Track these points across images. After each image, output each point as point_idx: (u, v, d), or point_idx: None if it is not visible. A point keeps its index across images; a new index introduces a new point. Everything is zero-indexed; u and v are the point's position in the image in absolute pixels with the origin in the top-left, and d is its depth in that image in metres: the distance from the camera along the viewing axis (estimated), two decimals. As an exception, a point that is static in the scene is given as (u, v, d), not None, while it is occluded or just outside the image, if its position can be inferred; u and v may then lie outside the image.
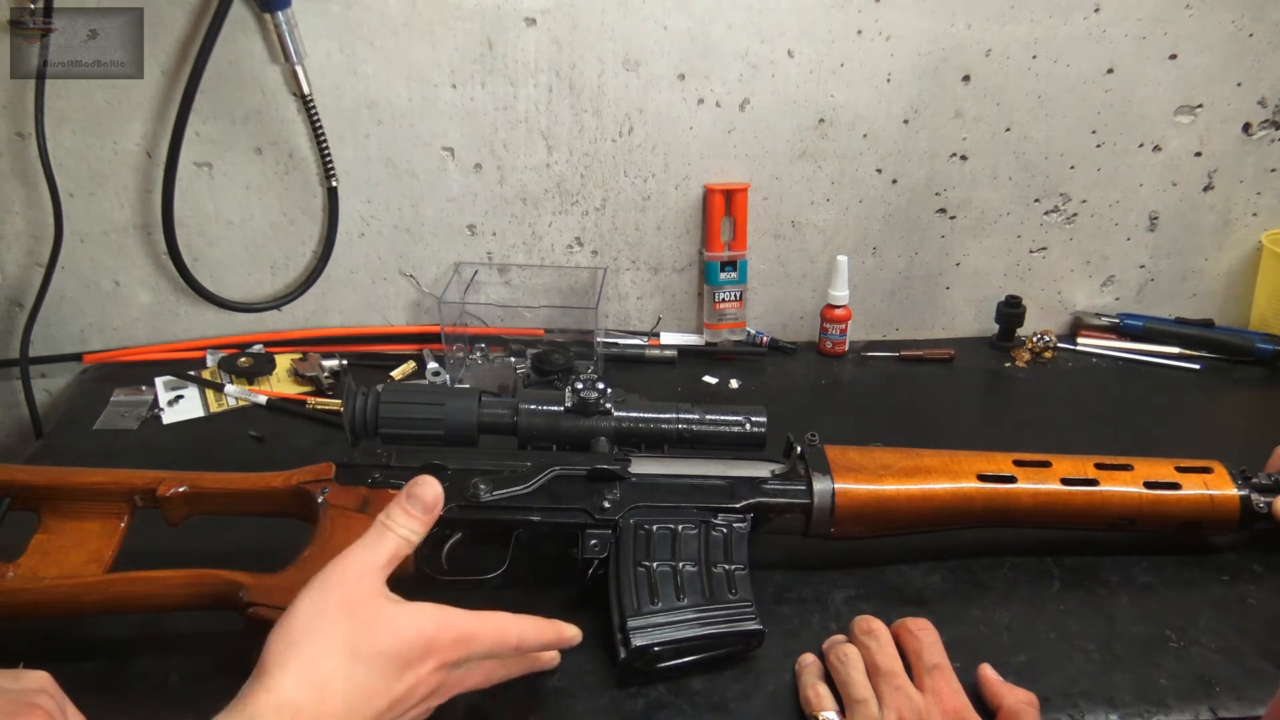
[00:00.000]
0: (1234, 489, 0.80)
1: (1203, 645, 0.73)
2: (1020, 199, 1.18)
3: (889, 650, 0.67)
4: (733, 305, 1.18)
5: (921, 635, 0.68)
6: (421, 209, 1.13)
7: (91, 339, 1.16)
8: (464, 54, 1.05)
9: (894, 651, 0.67)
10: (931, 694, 0.64)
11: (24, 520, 0.70)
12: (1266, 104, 1.14)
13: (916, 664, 0.66)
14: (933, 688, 0.65)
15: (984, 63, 1.09)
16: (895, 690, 0.64)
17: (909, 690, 0.64)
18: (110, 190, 1.08)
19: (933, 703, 0.64)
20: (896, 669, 0.66)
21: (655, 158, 1.12)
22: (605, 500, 0.74)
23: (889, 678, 0.65)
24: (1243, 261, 1.24)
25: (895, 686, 0.64)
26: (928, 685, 0.65)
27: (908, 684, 0.65)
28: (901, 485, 0.77)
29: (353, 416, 0.76)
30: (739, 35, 1.06)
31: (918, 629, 0.69)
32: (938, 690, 0.64)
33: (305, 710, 0.50)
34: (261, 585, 0.66)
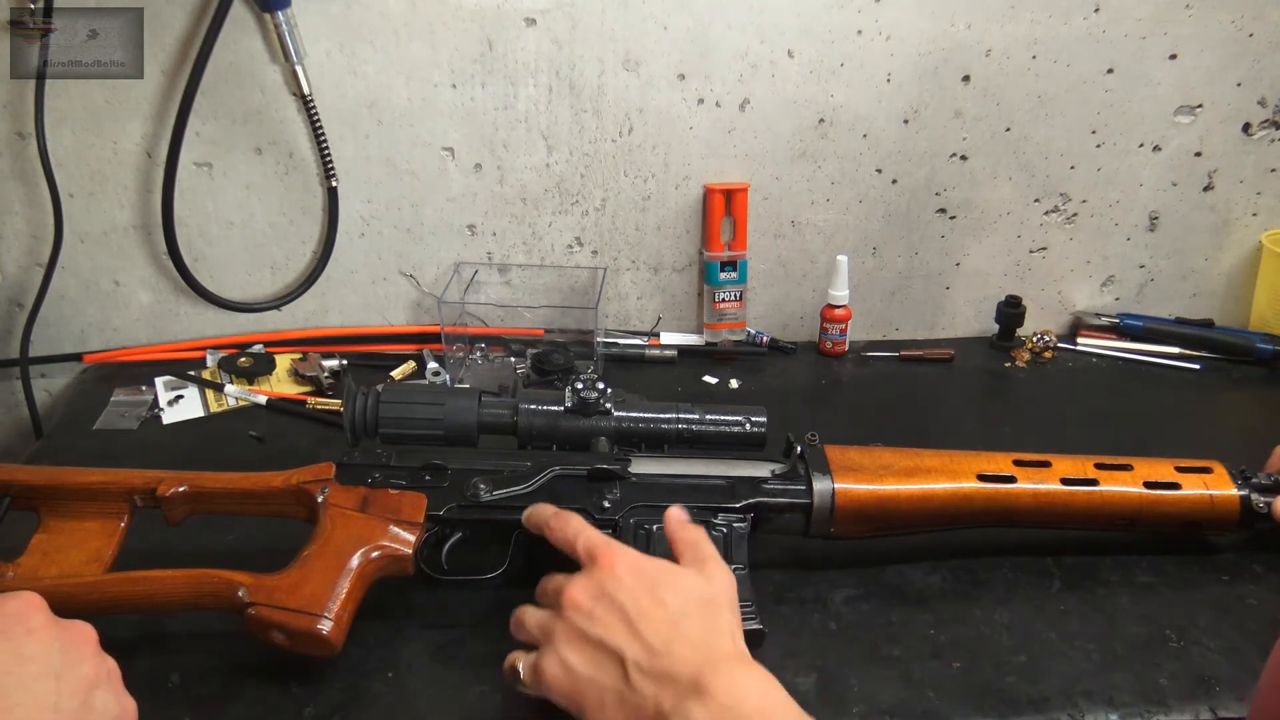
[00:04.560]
0: (1234, 489, 0.80)
1: (1203, 645, 0.73)
2: (1020, 199, 1.18)
3: (544, 581, 0.65)
4: (733, 305, 1.18)
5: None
6: (421, 209, 1.13)
7: (91, 339, 1.16)
8: (464, 54, 1.05)
9: (546, 579, 0.65)
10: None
11: (24, 520, 0.70)
12: (1266, 104, 1.14)
13: (562, 542, 0.66)
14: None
15: (984, 63, 1.09)
16: (556, 590, 0.62)
17: (562, 582, 0.63)
18: (110, 190, 1.08)
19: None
20: (548, 580, 0.64)
21: (655, 158, 1.12)
22: (605, 500, 0.74)
23: (550, 589, 0.63)
24: (1243, 261, 1.24)
25: (556, 587, 0.63)
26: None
27: (555, 582, 0.64)
28: (901, 485, 0.77)
29: (353, 416, 0.76)
30: (739, 35, 1.06)
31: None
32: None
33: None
34: (261, 585, 0.66)
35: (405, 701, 0.67)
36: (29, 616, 0.52)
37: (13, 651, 0.50)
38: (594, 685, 0.57)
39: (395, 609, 0.74)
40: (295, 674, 0.68)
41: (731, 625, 0.61)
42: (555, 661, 0.59)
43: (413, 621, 0.73)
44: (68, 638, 0.53)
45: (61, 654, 0.51)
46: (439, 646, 0.71)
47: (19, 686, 0.49)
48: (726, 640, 0.59)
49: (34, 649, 0.50)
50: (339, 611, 0.66)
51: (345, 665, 0.69)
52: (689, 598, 0.60)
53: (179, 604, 0.66)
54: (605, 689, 0.57)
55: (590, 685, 0.57)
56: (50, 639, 0.51)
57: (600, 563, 0.62)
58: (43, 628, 0.52)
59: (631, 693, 0.56)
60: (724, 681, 0.54)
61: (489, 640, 0.72)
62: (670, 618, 0.58)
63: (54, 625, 0.52)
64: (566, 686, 0.58)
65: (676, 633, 0.58)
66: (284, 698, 0.67)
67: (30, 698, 0.49)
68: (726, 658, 0.57)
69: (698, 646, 0.57)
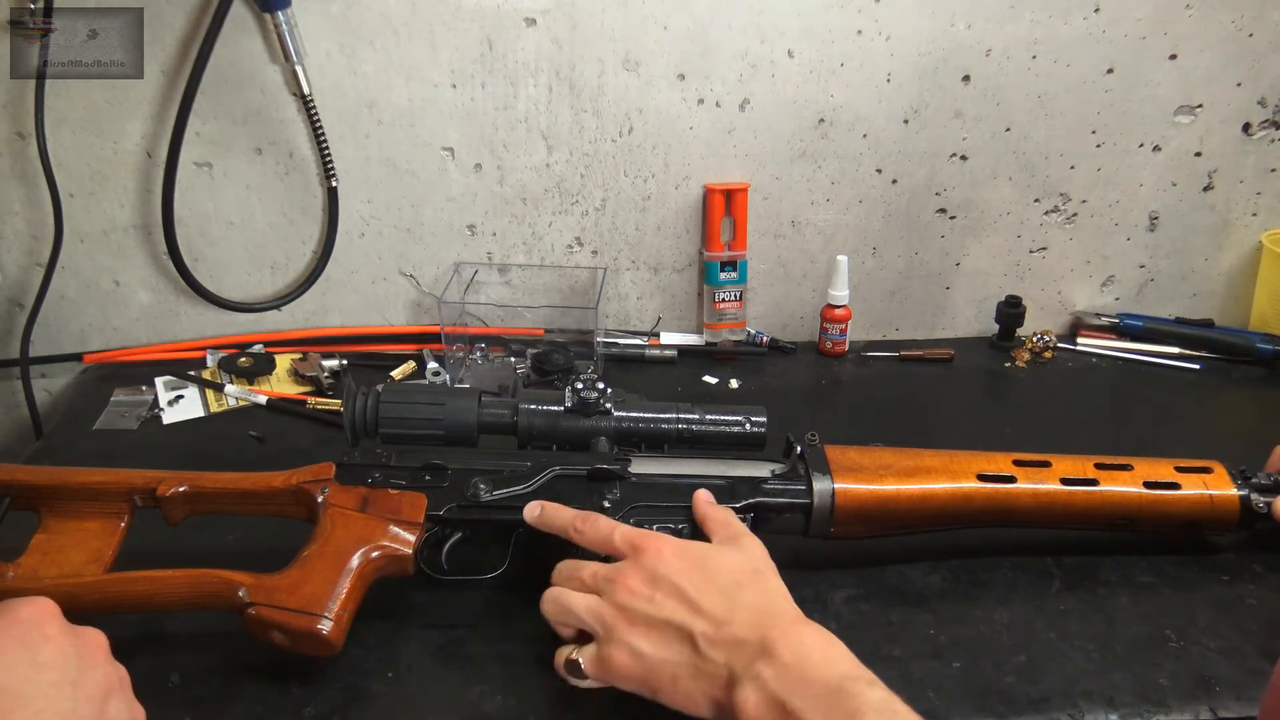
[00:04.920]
0: (1234, 489, 0.80)
1: (1203, 645, 0.73)
2: (1020, 199, 1.18)
3: (569, 564, 0.68)
4: (733, 305, 1.18)
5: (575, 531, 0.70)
6: (421, 209, 1.13)
7: (91, 339, 1.16)
8: (464, 54, 1.05)
9: (570, 562, 0.68)
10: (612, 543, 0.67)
11: (24, 520, 0.70)
12: (1266, 104, 1.14)
13: (596, 541, 0.68)
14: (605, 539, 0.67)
15: (984, 63, 1.09)
16: (594, 575, 0.65)
17: (599, 569, 0.66)
18: (110, 190, 1.09)
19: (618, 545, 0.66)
20: (582, 568, 0.67)
21: (655, 158, 1.12)
22: (605, 500, 0.74)
23: (587, 577, 0.66)
24: (1243, 261, 1.24)
25: (593, 573, 0.66)
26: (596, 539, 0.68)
27: (591, 568, 0.66)
28: (901, 485, 0.77)
29: (353, 416, 0.76)
30: (739, 35, 1.06)
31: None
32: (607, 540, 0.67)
33: None
34: (261, 585, 0.66)
35: (405, 701, 0.67)
36: (45, 623, 0.52)
37: (30, 659, 0.50)
38: (667, 664, 0.60)
39: (395, 609, 0.74)
40: (295, 674, 0.68)
41: (781, 588, 0.64)
42: (624, 650, 0.61)
43: (413, 621, 0.73)
44: (82, 645, 0.53)
45: (77, 661, 0.51)
46: (439, 646, 0.71)
47: (38, 694, 0.49)
48: (783, 602, 0.63)
49: (50, 656, 0.50)
50: (339, 611, 0.66)
51: (345, 665, 0.69)
52: (737, 569, 0.64)
53: (179, 604, 0.66)
54: (679, 665, 0.60)
55: (664, 665, 0.60)
56: (66, 646, 0.51)
57: (646, 550, 0.65)
58: (59, 635, 0.52)
59: (705, 663, 0.59)
60: (789, 640, 0.58)
61: (489, 640, 0.72)
62: (725, 589, 0.62)
63: (69, 632, 0.52)
64: (639, 671, 0.61)
65: (735, 602, 0.61)
66: (284, 698, 0.67)
67: (49, 705, 0.49)
68: (787, 618, 0.61)
69: (758, 611, 0.60)
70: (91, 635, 0.54)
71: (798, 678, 0.56)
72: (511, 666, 0.69)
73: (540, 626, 0.71)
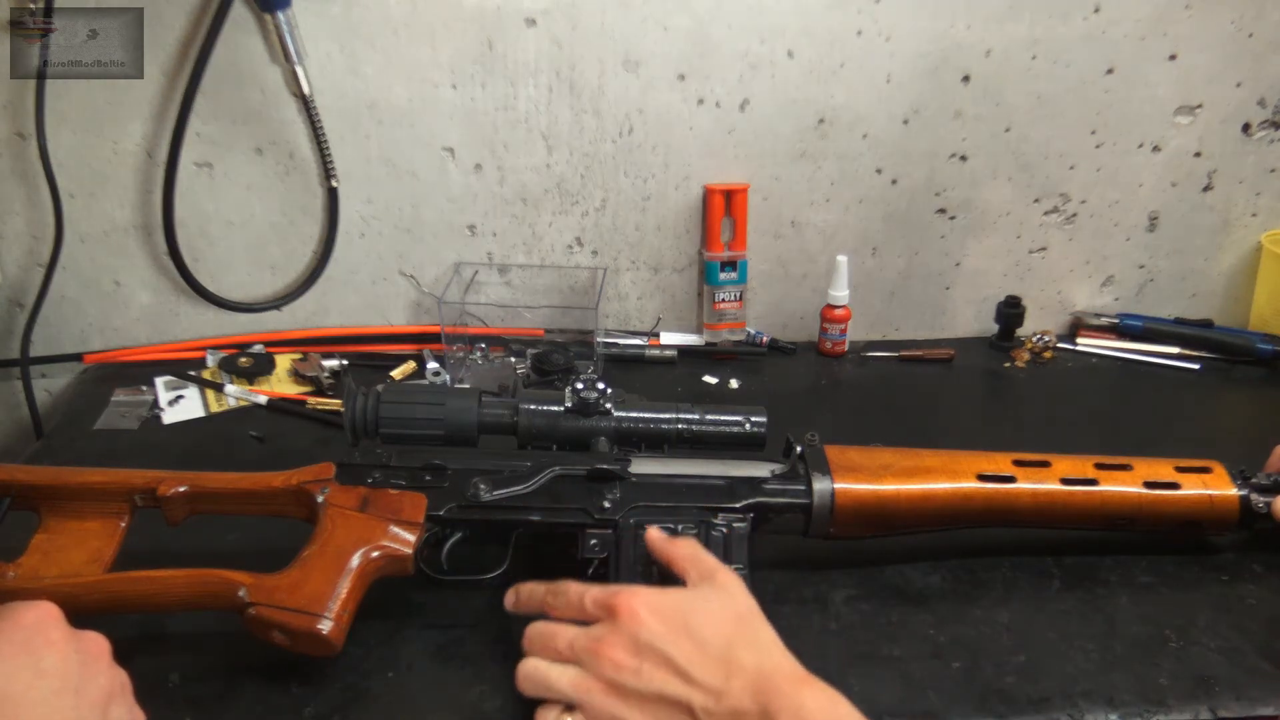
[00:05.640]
0: (1233, 489, 0.80)
1: (1203, 645, 0.73)
2: (1020, 199, 1.18)
3: (540, 631, 0.64)
4: (733, 305, 1.18)
5: (549, 598, 0.66)
6: (421, 209, 1.13)
7: (92, 339, 1.16)
8: (464, 54, 1.05)
9: (542, 628, 0.64)
10: (588, 609, 0.63)
11: (24, 520, 0.70)
12: (1266, 104, 1.14)
13: (569, 611, 0.64)
14: (577, 604, 0.63)
15: (984, 63, 1.09)
16: (571, 645, 0.61)
17: (575, 636, 0.62)
18: (110, 190, 1.09)
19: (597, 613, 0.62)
20: (556, 635, 0.63)
21: (655, 158, 1.12)
22: (605, 500, 0.74)
23: (563, 646, 0.62)
24: (1243, 261, 1.24)
25: (569, 641, 0.61)
26: (576, 605, 0.63)
27: (566, 636, 0.62)
28: (901, 485, 0.77)
29: (353, 416, 0.76)
30: (739, 35, 1.06)
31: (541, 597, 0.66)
32: (581, 605, 0.63)
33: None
34: (261, 585, 0.66)
35: (405, 701, 0.67)
36: (48, 629, 0.51)
37: (33, 666, 0.49)
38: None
39: (395, 609, 0.74)
40: (295, 674, 0.68)
41: (772, 637, 0.60)
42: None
43: (413, 621, 0.73)
44: (84, 650, 0.52)
45: (79, 667, 0.51)
46: (439, 646, 0.72)
47: (41, 701, 0.49)
48: (778, 658, 0.59)
49: (53, 662, 0.50)
50: (339, 611, 0.66)
51: (345, 665, 0.69)
52: (721, 620, 0.60)
53: (179, 604, 0.66)
54: None
55: None
56: (69, 652, 0.51)
57: (621, 613, 0.60)
58: (62, 640, 0.51)
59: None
60: (790, 707, 0.54)
61: (489, 640, 0.72)
62: (718, 654, 0.58)
63: (72, 638, 0.52)
64: None
65: (731, 667, 0.57)
66: (284, 698, 0.67)
67: (51, 712, 0.49)
68: (785, 679, 0.57)
69: (756, 675, 0.57)
70: (93, 640, 0.54)
71: None
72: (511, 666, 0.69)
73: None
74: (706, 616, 0.60)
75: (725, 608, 0.61)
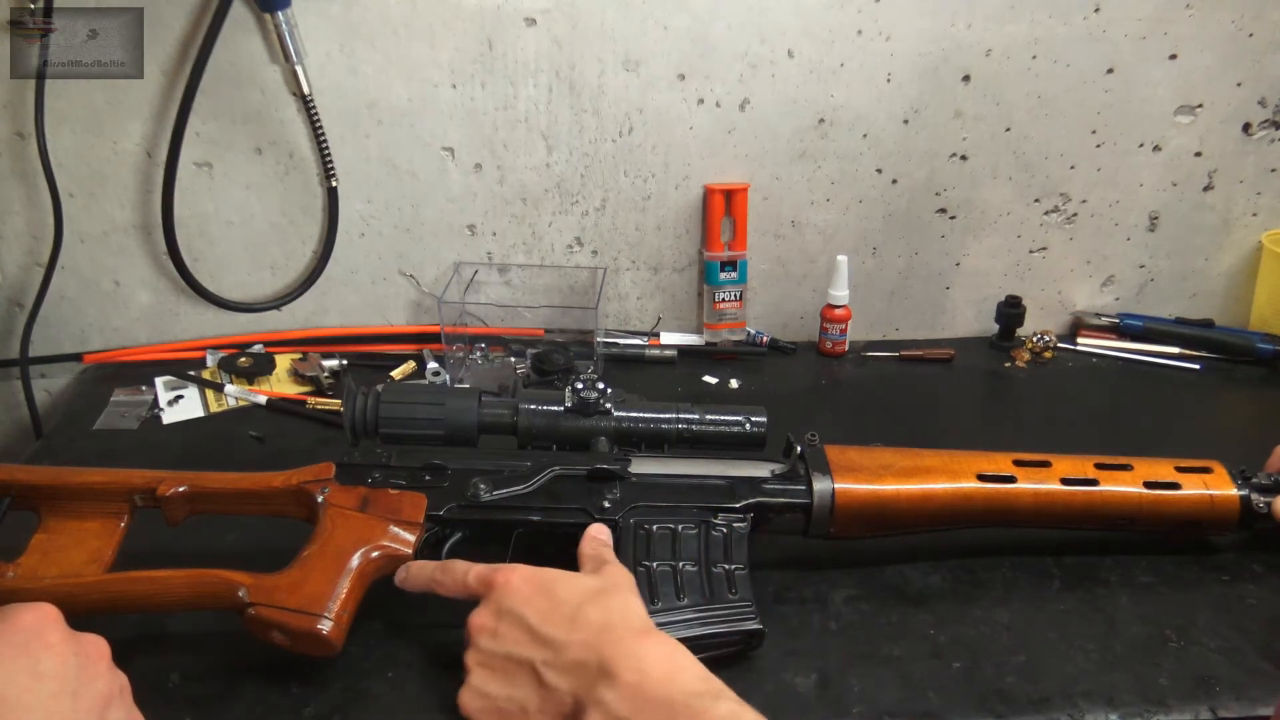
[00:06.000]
0: (1234, 489, 0.80)
1: (1203, 645, 0.73)
2: (1020, 199, 1.18)
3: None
4: (733, 305, 1.18)
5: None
6: (421, 209, 1.13)
7: (91, 339, 1.16)
8: (464, 54, 1.05)
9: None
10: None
11: (24, 520, 0.70)
12: (1266, 104, 1.14)
13: (456, 589, 0.66)
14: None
15: (984, 63, 1.09)
16: (467, 625, 0.63)
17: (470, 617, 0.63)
18: (110, 190, 1.09)
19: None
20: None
21: (655, 158, 1.12)
22: (605, 500, 0.74)
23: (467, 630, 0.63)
24: (1243, 261, 1.24)
25: (467, 623, 0.63)
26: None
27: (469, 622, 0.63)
28: (901, 485, 0.77)
29: (353, 416, 0.76)
30: (739, 35, 1.06)
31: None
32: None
33: None
34: (261, 585, 0.66)
35: (405, 701, 0.67)
36: (46, 631, 0.51)
37: (30, 669, 0.49)
38: (512, 701, 0.58)
39: (395, 609, 0.74)
40: (295, 674, 0.68)
41: (628, 603, 0.61)
42: (472, 694, 0.60)
43: (413, 621, 0.73)
44: (83, 653, 0.52)
45: (78, 670, 0.51)
46: (439, 646, 0.71)
47: (38, 705, 0.49)
48: (627, 615, 0.60)
49: (51, 665, 0.50)
50: (339, 611, 0.66)
51: (345, 665, 0.69)
52: (583, 590, 0.62)
53: (179, 604, 0.66)
54: (526, 699, 0.58)
55: (509, 703, 0.58)
56: (68, 654, 0.51)
57: (495, 584, 0.62)
58: (60, 643, 0.51)
59: (550, 693, 0.57)
60: (628, 659, 0.55)
61: (489, 640, 0.72)
62: (568, 611, 0.59)
63: (71, 640, 0.52)
64: (491, 713, 0.59)
65: (576, 623, 0.58)
66: (284, 698, 0.67)
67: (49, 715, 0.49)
68: (628, 632, 0.58)
69: (598, 629, 0.58)
70: (93, 643, 0.54)
71: (641, 699, 0.54)
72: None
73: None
74: (570, 585, 0.62)
75: (592, 581, 0.63)
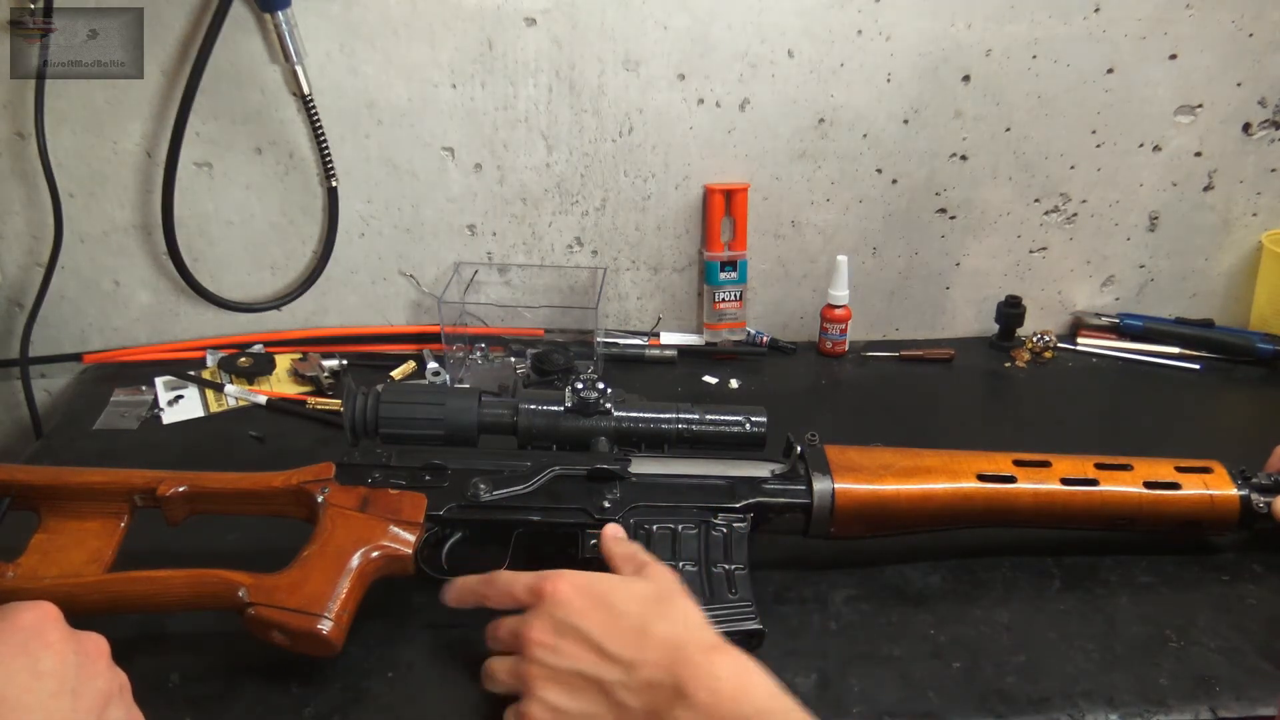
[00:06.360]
0: (1234, 489, 0.80)
1: (1203, 645, 0.73)
2: (1020, 199, 1.18)
3: (493, 627, 0.66)
4: (733, 305, 1.18)
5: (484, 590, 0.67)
6: (421, 209, 1.13)
7: (91, 339, 1.16)
8: (464, 54, 1.05)
9: (495, 625, 0.66)
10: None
11: (24, 520, 0.70)
12: (1266, 104, 1.14)
13: (504, 600, 0.66)
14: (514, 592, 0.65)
15: (984, 63, 1.09)
16: (511, 633, 0.63)
17: (513, 625, 0.63)
18: (110, 190, 1.08)
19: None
20: (499, 627, 0.65)
21: (655, 158, 1.12)
22: (605, 500, 0.74)
23: (504, 636, 0.64)
24: (1243, 261, 1.24)
25: (510, 630, 0.63)
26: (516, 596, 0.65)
27: (506, 626, 0.64)
28: (901, 485, 0.77)
29: (353, 416, 0.76)
30: (739, 35, 1.06)
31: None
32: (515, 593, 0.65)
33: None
34: (261, 585, 0.66)
35: (405, 701, 0.67)
36: (46, 630, 0.51)
37: (30, 667, 0.49)
38: (586, 717, 0.58)
39: (395, 609, 0.74)
40: (295, 674, 0.68)
41: (689, 611, 0.61)
42: (541, 707, 0.59)
43: (413, 621, 0.73)
44: (83, 651, 0.52)
45: (77, 669, 0.51)
46: (439, 646, 0.71)
47: (37, 705, 0.48)
48: (694, 629, 0.60)
49: (51, 664, 0.50)
50: (339, 611, 0.66)
51: (345, 665, 0.69)
52: (641, 600, 0.61)
53: (179, 604, 0.66)
54: (598, 716, 0.58)
55: (583, 718, 0.58)
56: (67, 653, 0.51)
57: (545, 594, 0.62)
58: (60, 641, 0.51)
59: (623, 711, 0.57)
60: (702, 678, 0.55)
61: (489, 640, 0.72)
62: (633, 626, 0.59)
63: (70, 639, 0.52)
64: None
65: (644, 640, 0.58)
66: (284, 698, 0.67)
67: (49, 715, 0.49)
68: (698, 649, 0.58)
69: (668, 647, 0.58)
70: (93, 641, 0.54)
71: (715, 718, 0.54)
72: (511, 666, 0.69)
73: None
74: (626, 594, 0.62)
75: (647, 588, 0.63)
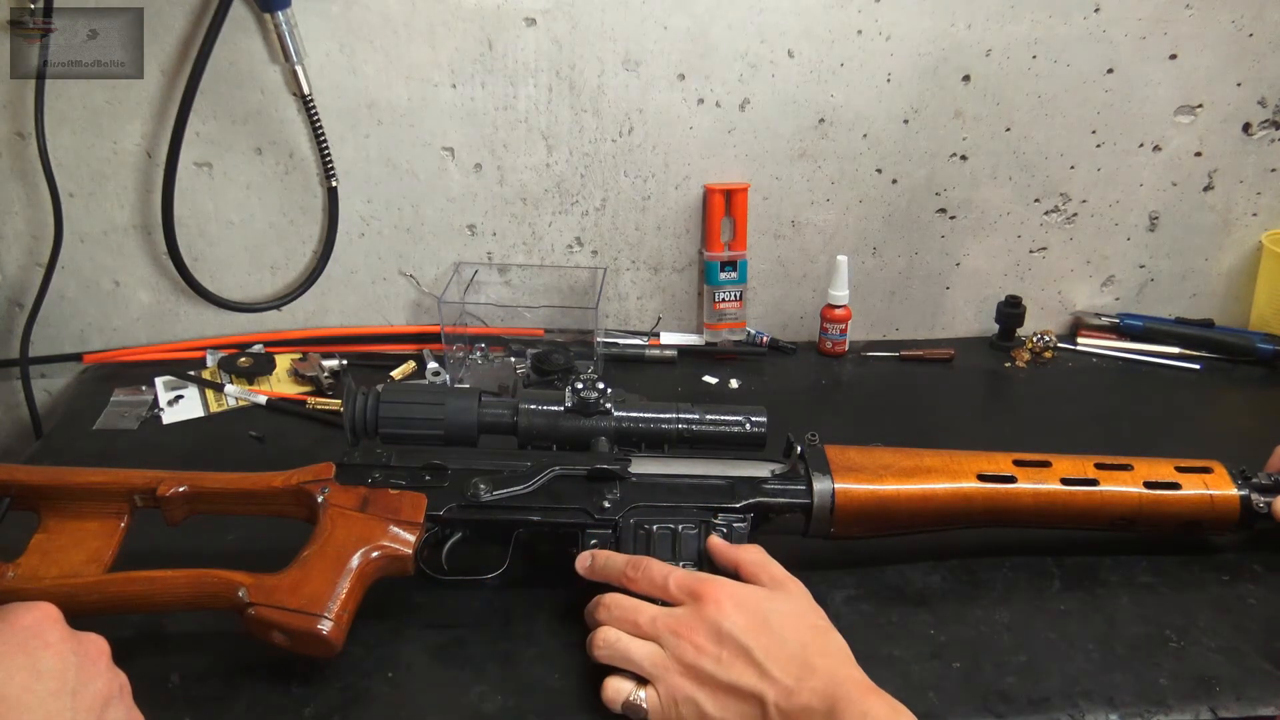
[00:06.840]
0: (1234, 489, 0.80)
1: (1203, 645, 0.73)
2: (1020, 199, 1.18)
3: (621, 604, 0.67)
4: (733, 305, 1.18)
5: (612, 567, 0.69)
6: (421, 209, 1.13)
7: (91, 339, 1.16)
8: (464, 54, 1.05)
9: (622, 601, 0.67)
10: (671, 590, 0.66)
11: (24, 520, 0.70)
12: (1266, 104, 1.14)
13: (650, 589, 0.67)
14: (659, 583, 0.66)
15: (984, 63, 1.09)
16: (653, 622, 0.64)
17: (657, 614, 0.65)
18: (110, 190, 1.09)
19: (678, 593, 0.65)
20: (638, 610, 0.66)
21: (655, 158, 1.12)
22: (605, 500, 0.74)
23: (644, 622, 0.65)
24: (1243, 261, 1.24)
25: (651, 618, 0.64)
26: (661, 587, 0.66)
27: (648, 613, 0.65)
28: (902, 485, 0.77)
29: (353, 416, 0.76)
30: (739, 35, 1.06)
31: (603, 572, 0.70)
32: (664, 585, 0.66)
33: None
34: (261, 585, 0.66)
35: (405, 701, 0.67)
36: (46, 630, 0.51)
37: (29, 667, 0.49)
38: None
39: (395, 609, 0.74)
40: (295, 674, 0.68)
41: (843, 646, 0.63)
42: (691, 706, 0.61)
43: (413, 621, 0.73)
44: (83, 652, 0.52)
45: (77, 669, 0.51)
46: (439, 646, 0.71)
47: (37, 704, 0.49)
48: (849, 666, 0.62)
49: (50, 664, 0.50)
50: (339, 611, 0.66)
51: (345, 665, 0.69)
52: (800, 625, 0.63)
53: (179, 604, 0.66)
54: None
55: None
56: (67, 653, 0.51)
57: (705, 600, 0.64)
58: (60, 642, 0.51)
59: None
60: (856, 712, 0.57)
61: (489, 640, 0.72)
62: (795, 654, 0.61)
63: (70, 639, 0.52)
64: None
65: (805, 668, 0.60)
66: (284, 698, 0.67)
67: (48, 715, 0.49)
68: (855, 686, 0.59)
69: (827, 678, 0.59)
70: (93, 642, 0.54)
71: None
72: (511, 666, 0.69)
73: (540, 626, 0.72)
74: (785, 618, 0.64)
75: (803, 614, 0.65)
